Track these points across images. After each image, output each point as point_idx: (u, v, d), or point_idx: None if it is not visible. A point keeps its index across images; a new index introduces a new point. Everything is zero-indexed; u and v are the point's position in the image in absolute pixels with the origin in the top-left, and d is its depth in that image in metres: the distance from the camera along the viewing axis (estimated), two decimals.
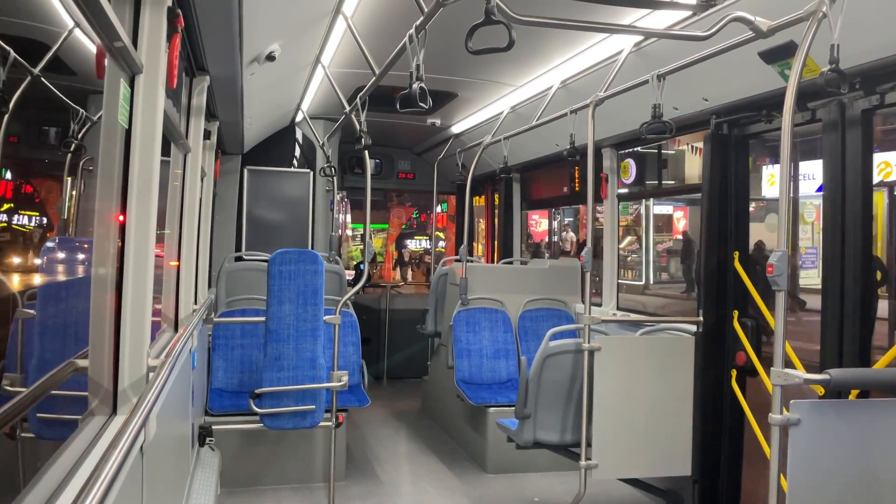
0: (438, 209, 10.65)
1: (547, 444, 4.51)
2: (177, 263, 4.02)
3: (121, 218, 2.29)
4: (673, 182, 12.18)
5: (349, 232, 14.17)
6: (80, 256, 2.43)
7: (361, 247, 13.86)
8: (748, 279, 4.29)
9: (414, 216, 16.95)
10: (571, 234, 16.19)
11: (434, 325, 7.50)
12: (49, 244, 2.40)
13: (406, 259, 13.74)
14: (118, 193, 2.27)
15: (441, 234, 14.51)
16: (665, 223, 16.63)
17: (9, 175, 2.14)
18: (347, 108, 5.16)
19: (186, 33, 3.21)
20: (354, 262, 13.04)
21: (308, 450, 5.21)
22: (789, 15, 2.88)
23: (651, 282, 15.50)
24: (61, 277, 2.41)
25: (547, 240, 15.95)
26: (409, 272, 15.47)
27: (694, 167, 11.66)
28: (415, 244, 16.19)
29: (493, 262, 8.90)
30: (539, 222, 16.00)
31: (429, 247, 14.06)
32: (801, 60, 2.72)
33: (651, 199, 13.71)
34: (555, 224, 16.31)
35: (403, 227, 16.69)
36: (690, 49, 3.67)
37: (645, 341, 4.53)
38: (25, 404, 1.80)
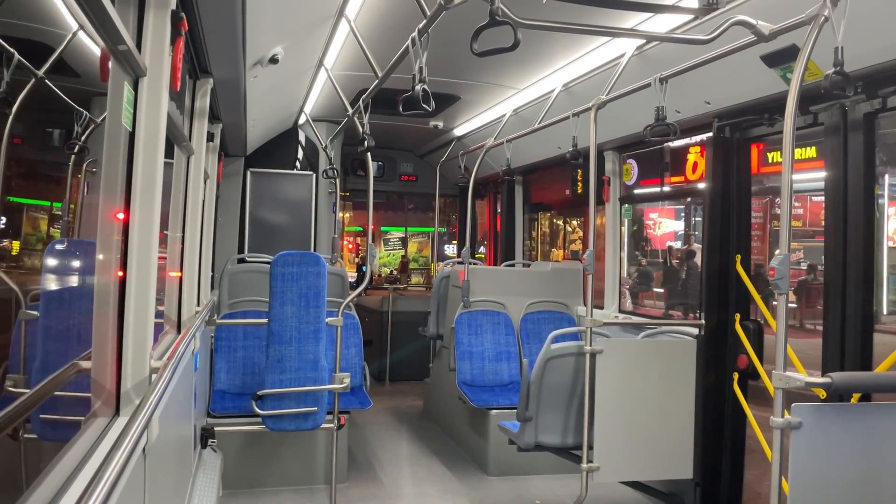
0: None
1: (548, 447, 4.51)
2: (179, 268, 4.03)
3: (124, 220, 2.30)
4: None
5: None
6: (84, 258, 2.43)
7: (404, 252, 13.10)
8: (749, 282, 4.29)
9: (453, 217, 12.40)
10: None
11: (436, 328, 7.50)
12: (53, 245, 2.41)
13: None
14: (122, 195, 2.27)
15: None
16: None
17: None
18: (350, 111, 5.17)
19: (190, 36, 3.22)
20: (389, 270, 12.41)
21: (310, 451, 5.21)
22: (791, 18, 2.89)
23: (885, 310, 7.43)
24: (64, 279, 2.41)
25: (671, 245, 9.94)
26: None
27: None
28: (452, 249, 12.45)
29: (495, 264, 8.90)
30: (659, 223, 11.00)
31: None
32: (802, 64, 2.72)
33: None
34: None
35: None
36: (693, 52, 3.68)
37: (647, 344, 4.53)
38: (29, 405, 1.80)
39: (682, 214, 10.69)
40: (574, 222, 9.89)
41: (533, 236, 9.87)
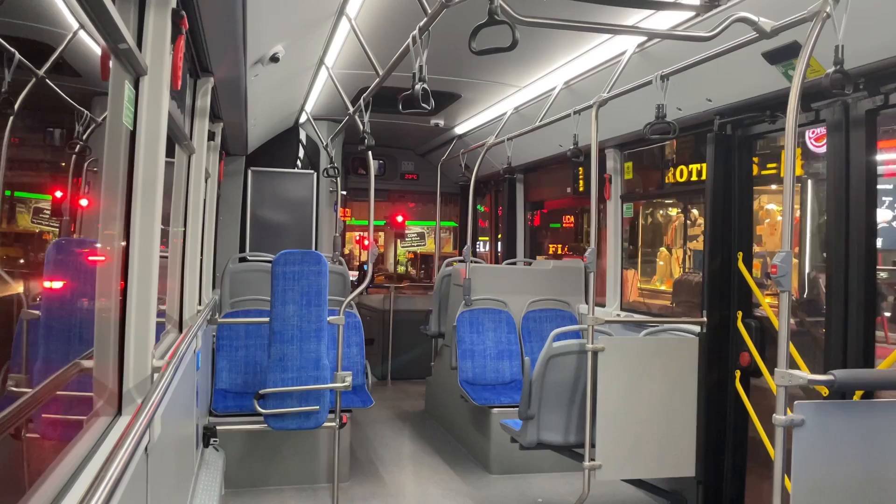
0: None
1: (550, 445, 4.50)
2: (181, 267, 4.02)
3: (125, 219, 2.30)
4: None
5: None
6: (85, 257, 2.43)
7: (421, 245, 12.64)
8: (752, 280, 4.29)
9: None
10: None
11: (438, 326, 7.50)
12: (54, 245, 2.41)
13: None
14: (123, 194, 2.27)
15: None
16: None
17: None
18: (351, 110, 5.16)
19: (191, 35, 3.22)
20: (405, 269, 12.16)
21: (312, 450, 5.21)
22: (793, 15, 2.88)
23: None
24: (66, 278, 2.41)
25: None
26: None
27: None
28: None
29: (496, 262, 8.90)
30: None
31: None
32: (804, 61, 2.71)
33: None
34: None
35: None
36: (694, 49, 3.67)
37: (649, 342, 4.52)
38: (31, 405, 1.80)
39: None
40: (695, 211, 7.51)
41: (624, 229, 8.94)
